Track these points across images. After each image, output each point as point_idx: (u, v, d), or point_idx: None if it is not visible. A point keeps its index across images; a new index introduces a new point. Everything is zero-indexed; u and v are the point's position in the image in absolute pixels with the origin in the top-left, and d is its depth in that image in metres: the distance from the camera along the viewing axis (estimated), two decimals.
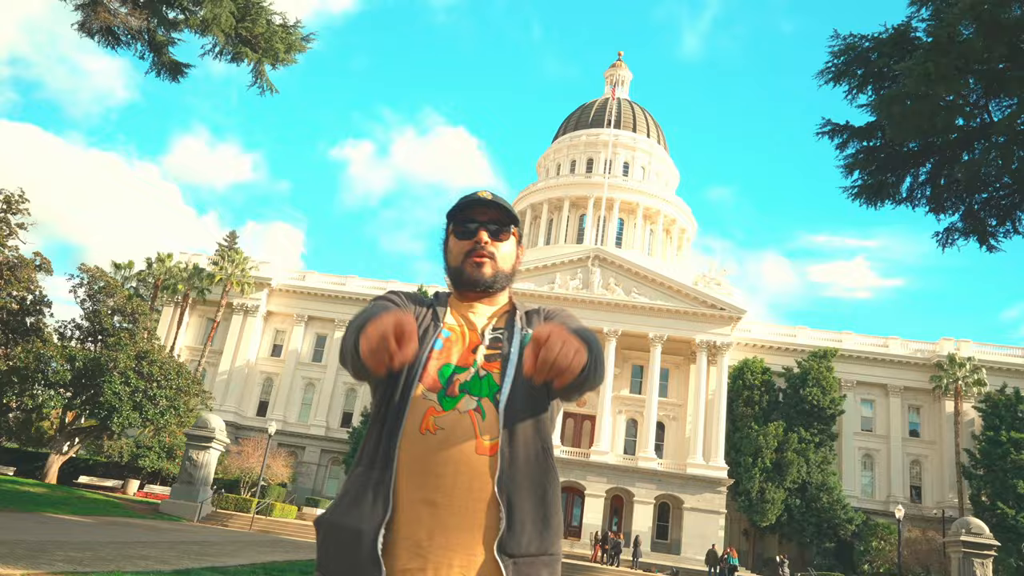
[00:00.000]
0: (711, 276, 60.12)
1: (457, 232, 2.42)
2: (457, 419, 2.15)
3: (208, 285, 63.61)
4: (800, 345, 61.41)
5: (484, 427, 2.15)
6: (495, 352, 2.29)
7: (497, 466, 2.11)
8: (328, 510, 2.18)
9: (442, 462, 2.10)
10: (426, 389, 2.21)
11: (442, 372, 2.23)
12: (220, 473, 45.89)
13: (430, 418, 2.16)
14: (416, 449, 2.13)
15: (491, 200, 2.40)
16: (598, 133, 77.06)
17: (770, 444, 52.89)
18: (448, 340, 2.31)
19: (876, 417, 61.19)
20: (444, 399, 2.19)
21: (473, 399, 2.19)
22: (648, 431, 55.58)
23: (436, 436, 2.13)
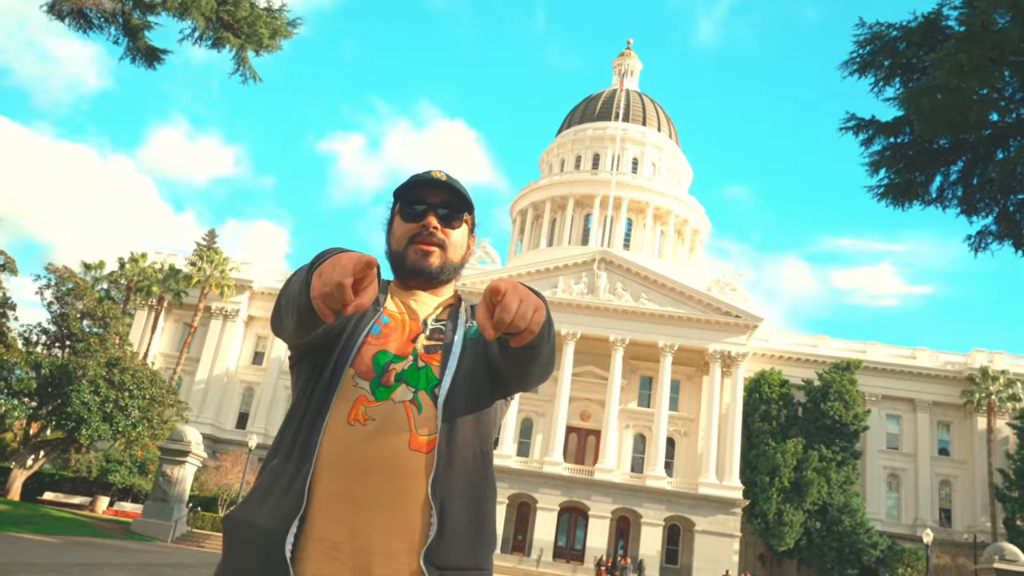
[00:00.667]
0: (726, 281, 60.14)
1: (403, 213, 2.34)
2: (391, 410, 2.09)
3: (185, 287, 63.62)
4: (821, 356, 61.41)
5: (420, 421, 2.09)
6: (436, 343, 2.23)
7: (433, 465, 2.04)
8: (236, 506, 2.11)
9: (370, 456, 2.02)
10: (357, 375, 2.14)
11: (377, 359, 2.16)
12: (196, 490, 45.81)
13: (360, 407, 2.09)
14: (341, 440, 2.05)
15: (444, 181, 2.32)
16: (605, 127, 77.18)
17: (788, 462, 52.84)
18: (387, 326, 2.24)
19: (903, 434, 61.15)
20: (377, 388, 2.12)
21: (410, 390, 2.13)
22: (657, 447, 55.53)
23: (366, 427, 2.06)
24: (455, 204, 2.34)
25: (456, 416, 2.12)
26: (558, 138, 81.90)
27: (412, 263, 2.31)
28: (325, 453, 2.04)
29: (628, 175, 73.73)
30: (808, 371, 60.04)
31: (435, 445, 2.06)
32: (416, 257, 2.30)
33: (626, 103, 78.17)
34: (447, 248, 2.33)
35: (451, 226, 2.34)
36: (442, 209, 2.33)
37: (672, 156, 78.89)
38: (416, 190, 2.33)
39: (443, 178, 2.33)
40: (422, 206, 2.32)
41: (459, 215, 2.36)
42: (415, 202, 2.33)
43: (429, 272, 2.31)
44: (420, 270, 2.31)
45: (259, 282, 67.71)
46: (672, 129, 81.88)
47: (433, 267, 2.31)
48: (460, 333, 2.25)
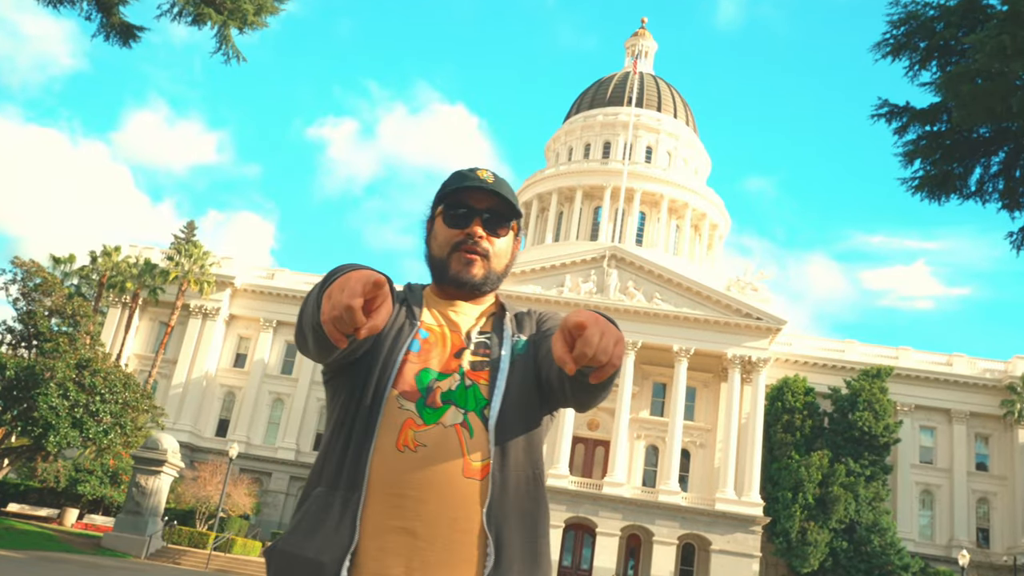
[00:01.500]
0: (746, 280, 60.13)
1: (447, 217, 2.36)
2: (441, 435, 2.12)
3: (161, 283, 63.71)
4: (850, 362, 61.38)
5: (472, 446, 2.12)
6: (482, 359, 2.26)
7: (487, 493, 2.09)
8: (281, 538, 2.14)
9: (423, 485, 2.06)
10: (401, 396, 2.17)
11: (420, 378, 2.20)
12: (172, 502, 45.91)
13: (408, 432, 2.12)
14: (392, 468, 2.08)
15: (492, 185, 2.34)
16: (617, 112, 77.18)
17: (813, 477, 52.83)
18: (426, 342, 2.27)
19: (937, 447, 61.11)
20: (424, 409, 2.15)
21: (459, 412, 2.16)
22: (671, 460, 55.56)
23: (416, 453, 2.09)
24: (502, 210, 2.37)
25: (508, 439, 2.16)
26: (565, 124, 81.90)
27: (455, 273, 2.34)
28: (375, 481, 2.08)
29: (641, 165, 73.73)
30: (835, 378, 60.02)
31: (488, 471, 2.11)
32: (459, 267, 2.34)
33: (640, 87, 78.16)
34: (491, 257, 2.36)
35: (496, 234, 2.37)
36: (488, 215, 2.35)
37: (689, 145, 78.85)
38: (461, 193, 2.35)
39: (490, 180, 2.35)
40: (468, 211, 2.34)
41: (506, 222, 2.38)
42: (459, 206, 2.35)
43: (472, 284, 2.35)
44: (463, 282, 2.34)
45: (242, 278, 67.79)
46: (689, 115, 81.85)
47: (477, 279, 2.34)
48: (507, 348, 2.28)
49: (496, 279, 2.39)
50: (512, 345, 2.29)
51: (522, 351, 2.30)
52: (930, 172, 14.29)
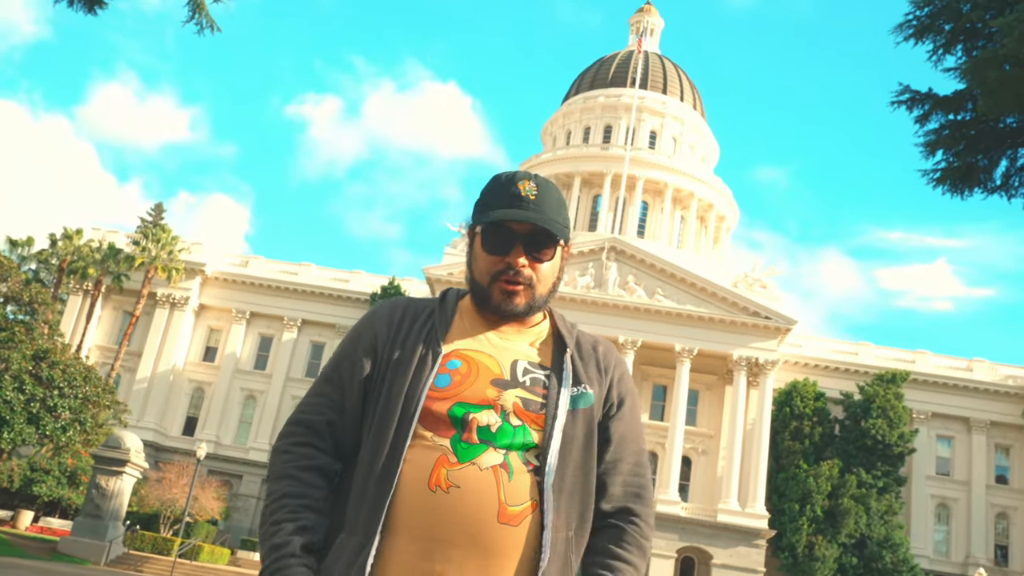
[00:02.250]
0: (755, 277, 60.25)
1: (486, 242, 2.34)
2: (477, 476, 2.12)
3: (126, 269, 63.51)
4: (863, 366, 61.61)
5: (511, 490, 2.13)
6: (535, 398, 2.26)
7: (522, 545, 2.11)
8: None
9: (454, 528, 2.07)
10: (433, 433, 2.18)
11: (453, 412, 2.19)
12: (135, 505, 45.84)
13: (442, 471, 2.12)
14: (420, 509, 2.10)
15: (534, 203, 2.30)
16: (619, 94, 77.17)
17: (822, 488, 53.04)
18: (458, 372, 2.26)
19: (955, 458, 61.42)
20: (459, 446, 2.16)
21: (499, 452, 2.16)
22: (671, 467, 55.73)
23: (449, 495, 2.09)
24: (546, 233, 2.32)
25: (556, 494, 2.18)
26: (564, 106, 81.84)
27: (496, 303, 2.33)
28: (401, 523, 2.10)
29: (644, 151, 73.76)
30: (847, 383, 60.25)
31: (525, 518, 2.12)
32: (501, 299, 2.32)
33: (644, 67, 78.11)
34: (535, 284, 2.33)
35: (540, 259, 2.33)
36: (531, 240, 2.32)
37: (696, 130, 78.90)
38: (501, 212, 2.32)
39: (533, 196, 2.31)
40: (507, 237, 2.32)
41: (551, 243, 2.34)
42: (499, 229, 2.32)
43: (515, 314, 2.34)
44: (505, 312, 2.33)
45: (213, 266, 67.61)
46: (697, 99, 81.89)
47: (519, 308, 2.33)
48: (566, 391, 2.28)
49: (542, 302, 2.37)
50: (575, 393, 2.29)
51: (586, 405, 2.30)
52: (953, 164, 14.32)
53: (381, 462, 2.15)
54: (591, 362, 2.38)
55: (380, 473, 2.14)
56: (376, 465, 2.15)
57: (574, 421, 2.24)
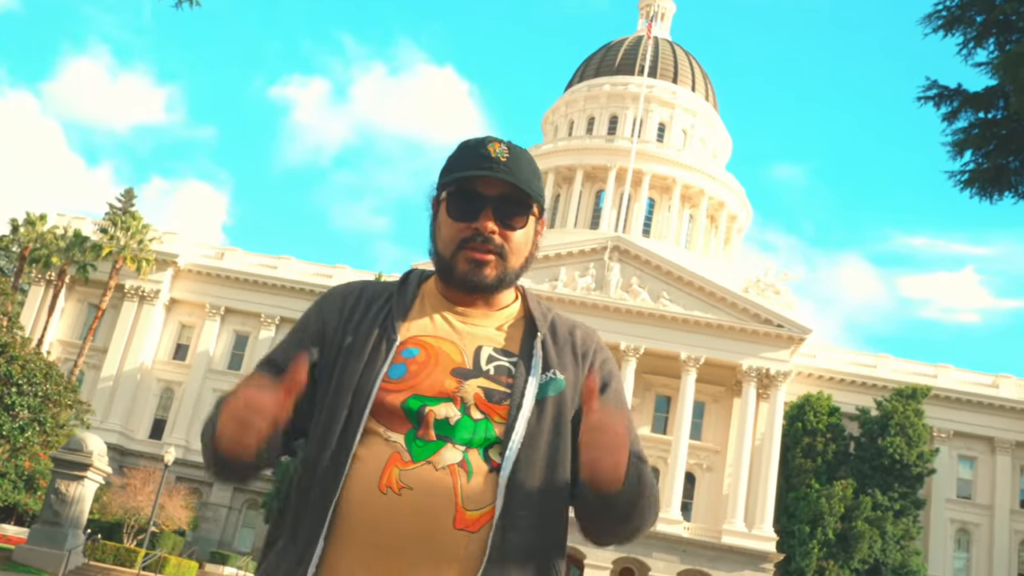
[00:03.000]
0: (767, 282, 60.29)
1: (451, 207, 2.26)
2: (431, 477, 2.04)
3: (93, 259, 63.35)
4: (881, 379, 61.68)
5: (469, 492, 2.04)
6: (501, 388, 2.17)
7: (481, 552, 2.02)
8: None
9: (405, 534, 1.99)
10: (386, 427, 2.10)
11: (408, 405, 2.11)
12: (97, 512, 45.72)
13: (394, 470, 2.04)
14: (369, 512, 2.02)
15: (505, 164, 2.22)
16: (626, 82, 77.20)
17: (835, 509, 53.08)
18: (415, 362, 2.18)
19: (977, 480, 61.49)
20: (414, 444, 2.08)
21: (457, 450, 2.08)
22: (673, 484, 55.74)
23: (400, 497, 2.01)
24: (519, 196, 2.25)
25: (520, 493, 2.08)
26: (567, 94, 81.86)
27: (462, 276, 2.24)
28: (347, 529, 2.03)
29: (652, 144, 73.81)
30: (864, 398, 60.29)
31: (484, 523, 2.03)
32: (467, 269, 2.23)
33: (654, 54, 78.15)
34: (506, 255, 2.25)
35: (512, 227, 2.26)
36: (504, 204, 2.24)
37: (708, 123, 78.96)
38: (469, 178, 2.24)
39: (504, 158, 2.23)
40: (475, 201, 2.23)
41: (523, 210, 2.27)
42: (465, 193, 2.24)
43: (483, 287, 2.25)
44: (471, 285, 2.25)
45: (186, 257, 67.51)
46: (710, 89, 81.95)
47: (488, 280, 2.24)
48: (534, 379, 2.19)
49: (514, 276, 2.29)
50: (543, 380, 2.20)
51: (556, 393, 2.21)
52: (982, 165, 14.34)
53: (327, 461, 2.07)
54: (566, 347, 2.30)
55: (326, 473, 2.06)
56: (321, 464, 2.07)
57: (542, 412, 2.15)
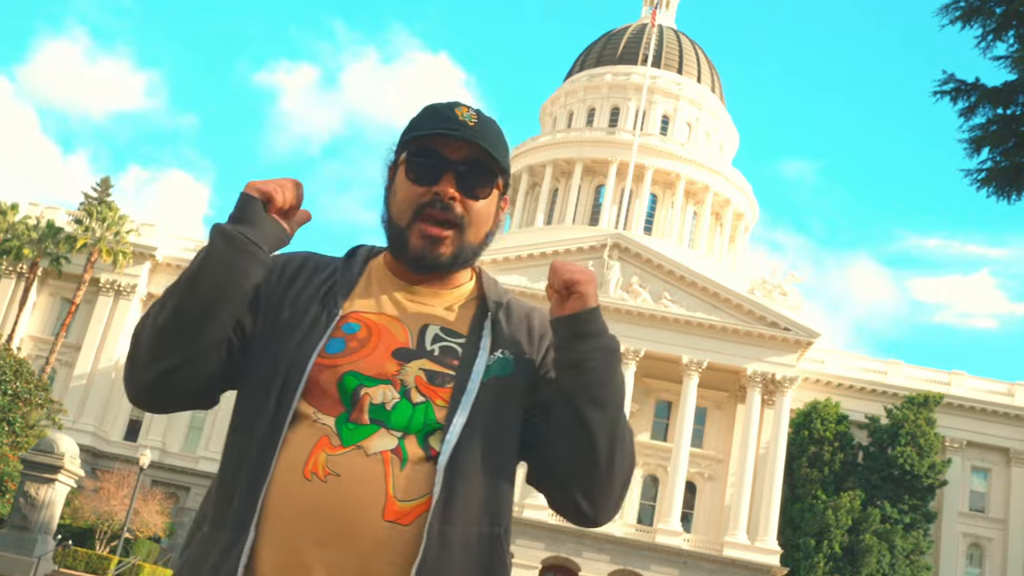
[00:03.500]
0: (774, 283, 60.33)
1: (411, 168, 2.19)
2: (361, 464, 1.97)
3: (66, 251, 63.19)
4: (892, 386, 61.73)
5: (402, 480, 1.98)
6: (445, 370, 2.11)
7: (419, 548, 1.94)
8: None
9: (328, 526, 1.93)
10: (317, 410, 2.04)
11: (344, 384, 2.05)
12: (68, 517, 45.63)
13: (320, 455, 1.98)
14: (294, 500, 1.96)
15: (472, 128, 2.17)
16: (629, 72, 77.18)
17: (842, 522, 53.14)
18: (355, 338, 2.12)
19: (991, 493, 61.57)
20: (344, 427, 2.01)
21: (392, 435, 2.01)
22: (673, 493, 55.77)
23: (326, 484, 1.95)
24: (483, 162, 2.20)
25: (462, 483, 2.00)
26: (566, 84, 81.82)
27: (415, 251, 2.18)
28: (271, 518, 1.96)
29: (655, 137, 73.81)
30: (874, 405, 60.36)
31: (418, 515, 1.96)
32: (421, 245, 2.17)
33: (658, 43, 78.19)
34: (465, 227, 2.19)
35: (474, 195, 2.19)
36: (466, 168, 2.18)
37: (714, 116, 79.00)
38: (431, 137, 2.18)
39: (472, 122, 2.18)
40: (437, 162, 2.18)
41: (487, 179, 2.22)
42: (427, 155, 2.18)
43: (437, 265, 2.19)
44: (425, 262, 2.19)
45: (165, 250, 67.41)
46: (716, 81, 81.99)
47: (443, 258, 2.18)
48: (481, 360, 2.13)
49: (471, 253, 2.23)
50: (491, 361, 2.14)
51: (503, 374, 2.15)
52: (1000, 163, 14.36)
53: (257, 443, 2.01)
54: (521, 328, 2.25)
55: (254, 456, 2.00)
56: (251, 447, 2.01)
57: (487, 395, 2.08)
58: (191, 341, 2.06)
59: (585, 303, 2.11)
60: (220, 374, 2.14)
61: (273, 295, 2.19)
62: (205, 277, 2.05)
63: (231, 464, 2.07)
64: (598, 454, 2.09)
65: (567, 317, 2.11)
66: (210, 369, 2.11)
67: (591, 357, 2.10)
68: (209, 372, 2.11)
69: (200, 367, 2.09)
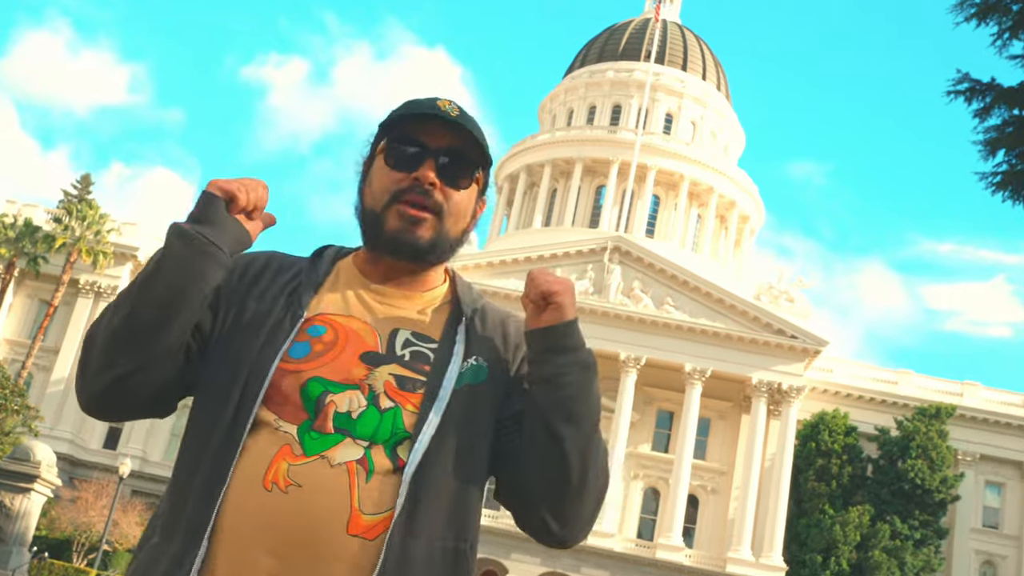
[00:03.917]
0: (781, 288, 60.39)
1: (390, 155, 2.22)
2: (323, 473, 1.96)
3: (45, 251, 63.14)
4: (903, 397, 61.77)
5: (367, 492, 1.96)
6: (416, 376, 2.10)
7: (377, 563, 1.93)
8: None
9: (288, 540, 1.91)
10: (278, 416, 2.02)
11: (307, 390, 2.03)
12: (44, 528, 45.54)
13: (282, 464, 1.96)
14: (251, 511, 1.94)
15: (454, 118, 2.20)
16: (631, 68, 77.26)
17: (850, 538, 53.15)
18: (320, 341, 2.10)
19: (1005, 508, 61.61)
20: (307, 435, 2.00)
21: (359, 445, 1.99)
22: (675, 507, 55.74)
23: (287, 495, 1.93)
24: (465, 152, 2.23)
25: (428, 494, 2.00)
26: (566, 80, 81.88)
27: (392, 232, 2.17)
28: (227, 527, 1.94)
29: (658, 136, 73.87)
30: (884, 416, 60.38)
31: (384, 530, 1.94)
32: (399, 225, 2.16)
33: (662, 38, 78.24)
34: (444, 216, 2.19)
35: (455, 184, 2.21)
36: (445, 157, 2.20)
37: (719, 115, 79.08)
38: (411, 124, 2.21)
39: (453, 113, 2.21)
40: (418, 149, 2.20)
41: (469, 170, 2.25)
42: (408, 142, 2.21)
43: (415, 248, 2.18)
44: (402, 244, 2.17)
45: (147, 250, 67.32)
46: (722, 78, 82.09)
47: (421, 241, 2.17)
48: (454, 366, 2.13)
49: (448, 246, 2.23)
50: (464, 368, 2.14)
51: (476, 381, 2.15)
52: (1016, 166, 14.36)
53: (213, 450, 1.99)
54: (495, 335, 2.25)
55: (209, 464, 1.98)
56: (205, 454, 2.00)
57: (458, 403, 2.08)
58: (145, 347, 2.02)
59: (563, 315, 2.08)
60: (177, 380, 2.12)
61: (234, 296, 2.17)
62: (161, 279, 2.01)
63: (184, 471, 2.06)
64: (570, 471, 2.07)
65: (543, 330, 2.09)
66: (166, 375, 2.08)
67: (567, 372, 2.07)
68: (164, 378, 2.08)
69: (155, 373, 2.06)
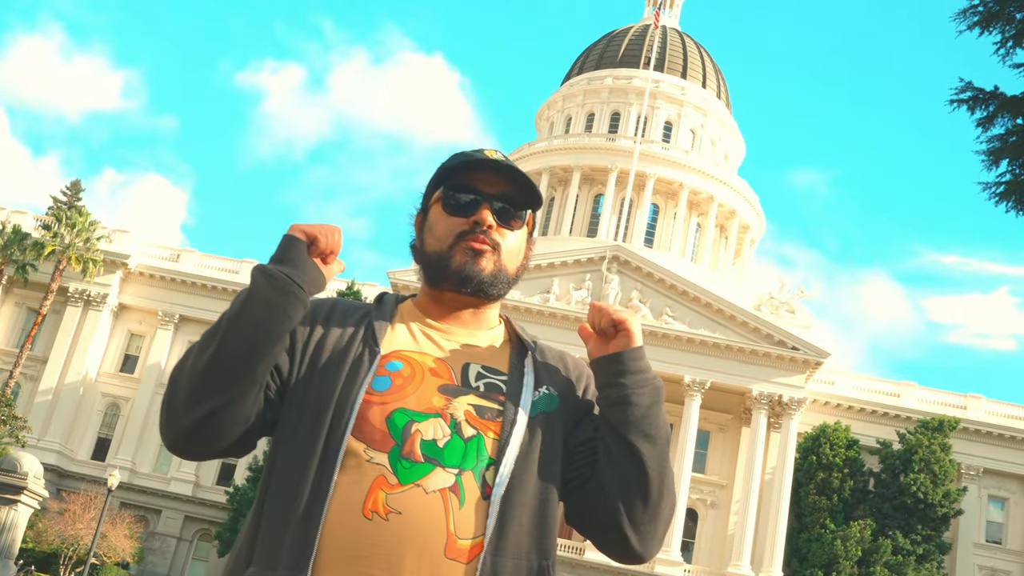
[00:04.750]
0: (782, 299, 60.38)
1: (448, 203, 2.40)
2: (421, 501, 2.09)
3: (33, 258, 63.09)
4: (906, 410, 61.75)
5: (461, 517, 2.11)
6: (492, 405, 2.27)
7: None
8: None
9: (393, 564, 2.05)
10: (368, 446, 2.15)
11: (393, 421, 2.18)
12: (30, 541, 45.43)
13: (379, 493, 2.09)
14: (354, 538, 2.07)
15: (506, 165, 2.39)
16: (631, 76, 77.35)
17: (851, 553, 53.08)
18: (400, 375, 2.27)
19: (1009, 523, 61.55)
20: (400, 464, 2.13)
21: (450, 473, 2.14)
22: (673, 522, 55.59)
23: (388, 523, 2.07)
24: (516, 197, 2.42)
25: (514, 516, 2.16)
26: (564, 87, 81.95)
27: (459, 267, 2.34)
28: (330, 556, 2.06)
29: (657, 144, 73.93)
30: (886, 429, 60.34)
31: (477, 554, 2.09)
32: (464, 259, 2.35)
33: (661, 45, 78.33)
34: (502, 252, 2.39)
35: (509, 225, 2.41)
36: (499, 202, 2.40)
37: (720, 123, 79.15)
38: (466, 174, 2.41)
39: (502, 159, 2.40)
40: (474, 197, 2.39)
41: (520, 213, 2.44)
42: (465, 190, 2.40)
43: (480, 280, 2.36)
44: (468, 277, 2.35)
45: (138, 258, 67.26)
46: (722, 86, 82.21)
47: (485, 274, 2.36)
48: (527, 396, 2.30)
49: (506, 281, 2.41)
50: (536, 397, 2.32)
51: (550, 409, 2.32)
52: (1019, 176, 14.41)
53: (309, 481, 2.11)
54: (558, 367, 2.44)
55: (307, 495, 2.10)
56: (303, 486, 2.11)
57: (535, 430, 2.25)
58: (233, 383, 2.14)
59: (631, 341, 2.28)
60: (258, 418, 2.24)
61: (309, 338, 2.32)
62: (247, 318, 2.15)
63: (279, 502, 2.15)
64: (650, 487, 2.24)
65: (615, 355, 2.28)
66: (248, 412, 2.20)
67: (639, 393, 2.27)
68: (247, 415, 2.20)
69: (241, 409, 2.18)
